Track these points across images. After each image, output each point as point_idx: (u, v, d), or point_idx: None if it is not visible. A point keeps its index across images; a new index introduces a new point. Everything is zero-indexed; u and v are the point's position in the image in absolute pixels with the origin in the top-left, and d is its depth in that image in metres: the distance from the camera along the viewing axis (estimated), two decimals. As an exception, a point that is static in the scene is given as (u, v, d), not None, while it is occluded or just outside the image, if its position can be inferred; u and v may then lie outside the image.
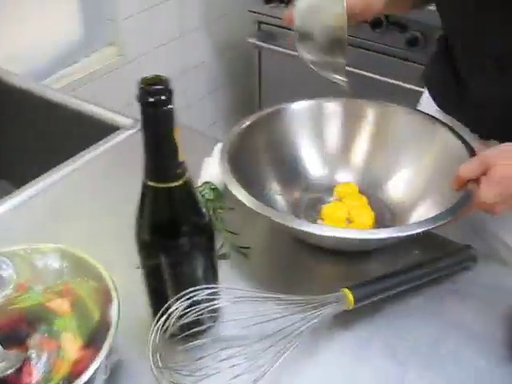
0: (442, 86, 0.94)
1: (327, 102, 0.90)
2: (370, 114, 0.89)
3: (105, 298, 0.59)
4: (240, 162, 0.78)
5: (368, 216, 0.81)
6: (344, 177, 0.89)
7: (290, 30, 0.82)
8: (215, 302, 0.60)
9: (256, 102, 2.06)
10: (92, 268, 0.62)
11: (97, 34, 1.67)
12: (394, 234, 0.66)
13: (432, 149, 0.84)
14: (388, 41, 1.65)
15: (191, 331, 0.60)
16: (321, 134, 0.90)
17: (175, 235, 0.57)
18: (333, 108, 0.90)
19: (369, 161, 0.89)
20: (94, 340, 0.58)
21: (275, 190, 0.84)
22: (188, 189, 0.56)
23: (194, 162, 0.71)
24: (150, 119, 0.51)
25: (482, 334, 0.66)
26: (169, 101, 0.49)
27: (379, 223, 0.81)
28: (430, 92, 0.97)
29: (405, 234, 0.66)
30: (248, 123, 0.83)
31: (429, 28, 1.55)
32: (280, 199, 0.84)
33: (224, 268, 0.70)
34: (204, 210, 0.58)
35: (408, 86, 1.61)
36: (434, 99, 0.95)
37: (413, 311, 0.69)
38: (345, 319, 0.66)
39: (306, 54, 0.81)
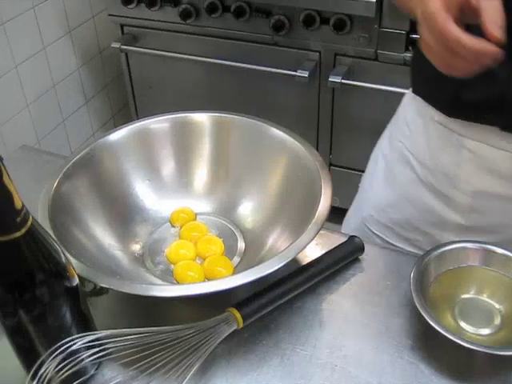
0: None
1: (152, 123, 0.79)
2: (206, 127, 0.80)
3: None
4: (67, 220, 0.68)
5: (217, 247, 0.74)
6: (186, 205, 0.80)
7: (154, 29, 0.75)
8: (94, 350, 0.54)
9: (132, 106, 1.99)
10: None
11: None
12: (251, 278, 0.58)
13: (281, 162, 0.76)
14: (254, 28, 1.62)
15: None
16: (152, 161, 0.80)
17: (30, 289, 0.50)
18: (161, 127, 0.79)
19: (212, 183, 0.80)
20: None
21: (113, 245, 0.72)
22: (34, 236, 0.49)
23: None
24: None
25: (381, 328, 0.65)
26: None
27: (230, 250, 0.74)
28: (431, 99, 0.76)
29: (265, 273, 0.58)
30: (64, 172, 0.71)
31: (292, 10, 1.53)
32: (121, 255, 0.72)
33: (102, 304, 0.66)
34: (57, 252, 0.52)
35: (280, 70, 1.59)
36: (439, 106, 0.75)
37: (308, 312, 0.66)
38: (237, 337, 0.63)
39: None
